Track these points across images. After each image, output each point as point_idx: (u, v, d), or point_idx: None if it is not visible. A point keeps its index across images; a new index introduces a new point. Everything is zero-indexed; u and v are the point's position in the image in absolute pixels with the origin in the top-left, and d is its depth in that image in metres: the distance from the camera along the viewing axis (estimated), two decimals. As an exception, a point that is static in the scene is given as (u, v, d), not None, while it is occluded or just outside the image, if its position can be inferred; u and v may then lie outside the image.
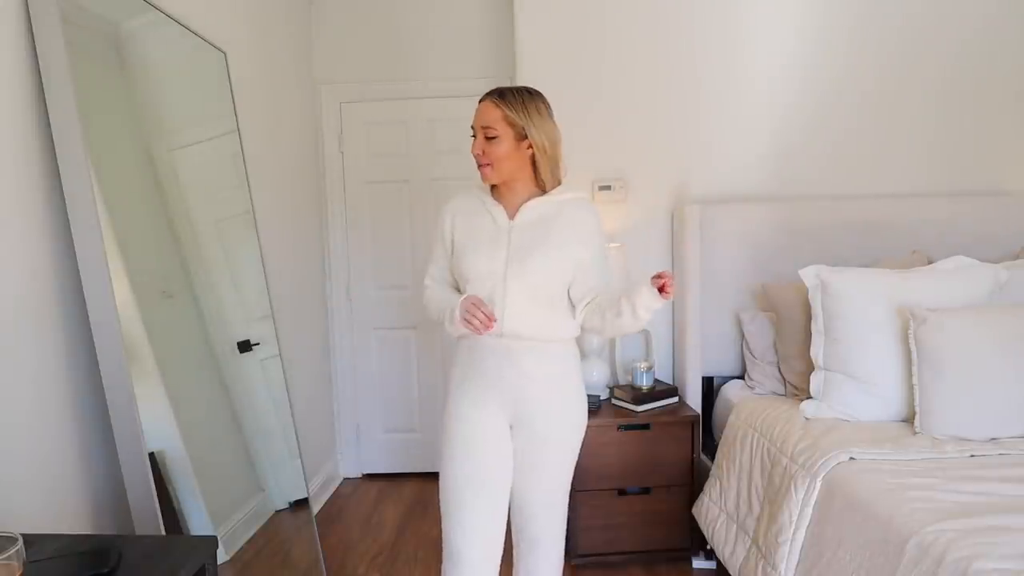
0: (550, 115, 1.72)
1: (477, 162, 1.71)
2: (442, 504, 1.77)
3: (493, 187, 1.78)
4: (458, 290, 1.80)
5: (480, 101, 1.72)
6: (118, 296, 1.53)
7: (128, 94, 1.78)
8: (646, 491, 2.57)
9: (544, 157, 1.70)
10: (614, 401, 2.72)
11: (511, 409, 1.72)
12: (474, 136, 1.71)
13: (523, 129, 1.66)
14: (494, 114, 1.67)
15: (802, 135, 2.92)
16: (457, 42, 3.47)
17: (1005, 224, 2.76)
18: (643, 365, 2.68)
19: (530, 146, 1.68)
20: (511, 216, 1.73)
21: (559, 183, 1.76)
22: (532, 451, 1.74)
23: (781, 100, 2.90)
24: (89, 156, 1.50)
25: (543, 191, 1.74)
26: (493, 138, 1.67)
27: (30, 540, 1.19)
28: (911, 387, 2.05)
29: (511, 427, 1.75)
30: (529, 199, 1.73)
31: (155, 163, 1.85)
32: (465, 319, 1.61)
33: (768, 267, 2.75)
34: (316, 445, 3.31)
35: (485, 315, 1.59)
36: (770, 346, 2.58)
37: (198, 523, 1.72)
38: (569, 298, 1.74)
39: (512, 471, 1.75)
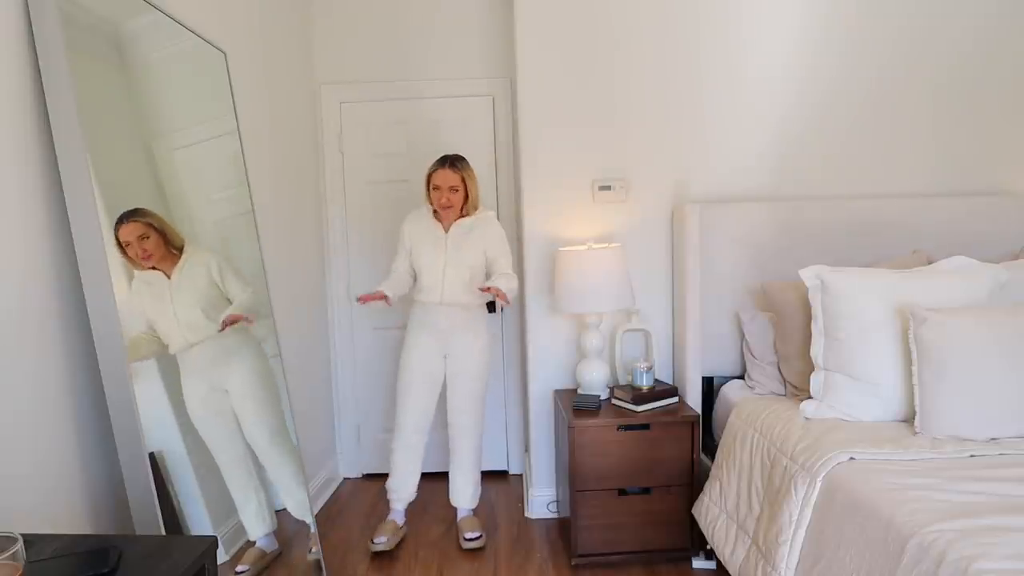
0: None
1: (441, 206, 2.73)
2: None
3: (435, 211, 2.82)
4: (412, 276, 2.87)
5: (439, 168, 2.72)
6: (118, 296, 1.53)
7: (128, 94, 1.78)
8: (646, 491, 2.57)
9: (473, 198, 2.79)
10: (614, 401, 2.72)
11: (444, 343, 2.82)
12: (436, 189, 2.72)
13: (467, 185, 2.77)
14: (456, 177, 2.72)
15: (802, 135, 2.92)
16: (457, 42, 3.48)
17: (1005, 224, 2.77)
18: (643, 365, 2.68)
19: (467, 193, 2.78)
20: (446, 229, 2.79)
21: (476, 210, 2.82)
22: (455, 371, 2.83)
23: (781, 100, 2.90)
24: (89, 156, 1.50)
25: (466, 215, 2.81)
26: (456, 191, 2.73)
27: (30, 540, 1.20)
28: (911, 387, 2.05)
29: (444, 356, 2.84)
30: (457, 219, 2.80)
31: (155, 163, 1.85)
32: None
33: (768, 267, 2.75)
34: (316, 445, 3.31)
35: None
36: (770, 346, 2.58)
37: (198, 523, 1.72)
38: (486, 277, 2.81)
39: (443, 382, 2.88)
